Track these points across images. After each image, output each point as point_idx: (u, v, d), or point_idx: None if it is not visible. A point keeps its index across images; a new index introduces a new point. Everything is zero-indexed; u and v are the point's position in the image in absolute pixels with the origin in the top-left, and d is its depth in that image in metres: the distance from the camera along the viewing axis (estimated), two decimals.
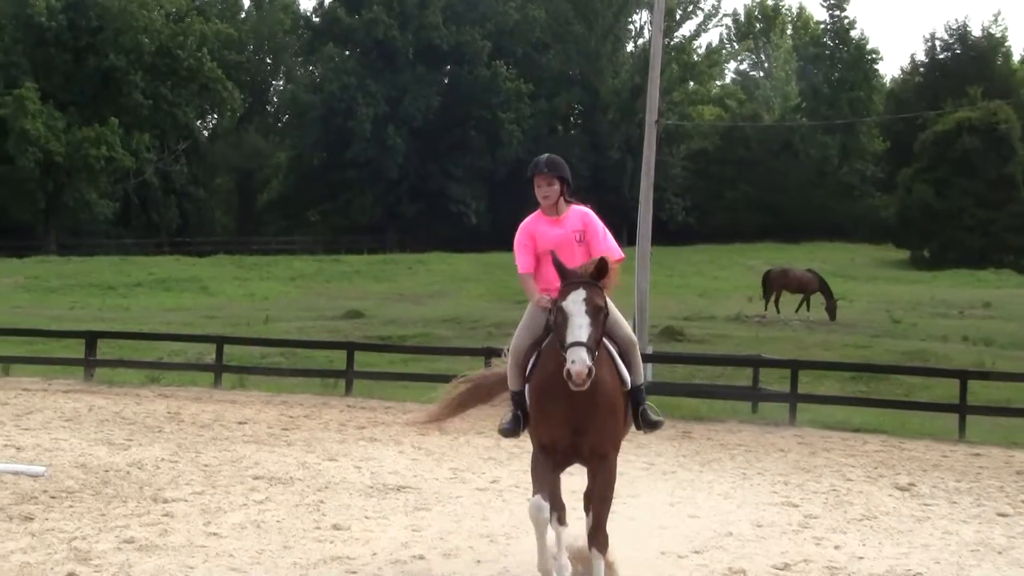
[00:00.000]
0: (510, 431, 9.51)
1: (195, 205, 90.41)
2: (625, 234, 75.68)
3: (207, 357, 28.87)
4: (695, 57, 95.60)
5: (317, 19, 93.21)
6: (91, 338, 27.77)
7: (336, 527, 11.87)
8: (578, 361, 8.17)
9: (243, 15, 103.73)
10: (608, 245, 9.60)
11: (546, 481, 9.03)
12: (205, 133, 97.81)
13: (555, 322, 8.62)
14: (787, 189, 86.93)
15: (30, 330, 33.34)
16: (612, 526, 11.88)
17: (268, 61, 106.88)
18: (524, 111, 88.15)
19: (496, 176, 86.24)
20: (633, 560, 10.73)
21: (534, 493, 8.97)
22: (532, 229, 9.73)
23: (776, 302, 43.76)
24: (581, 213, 9.81)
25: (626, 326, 9.54)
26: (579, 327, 8.35)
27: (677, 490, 14.80)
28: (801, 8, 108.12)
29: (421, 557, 10.77)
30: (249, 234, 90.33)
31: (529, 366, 9.27)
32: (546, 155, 9.90)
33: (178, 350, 32.36)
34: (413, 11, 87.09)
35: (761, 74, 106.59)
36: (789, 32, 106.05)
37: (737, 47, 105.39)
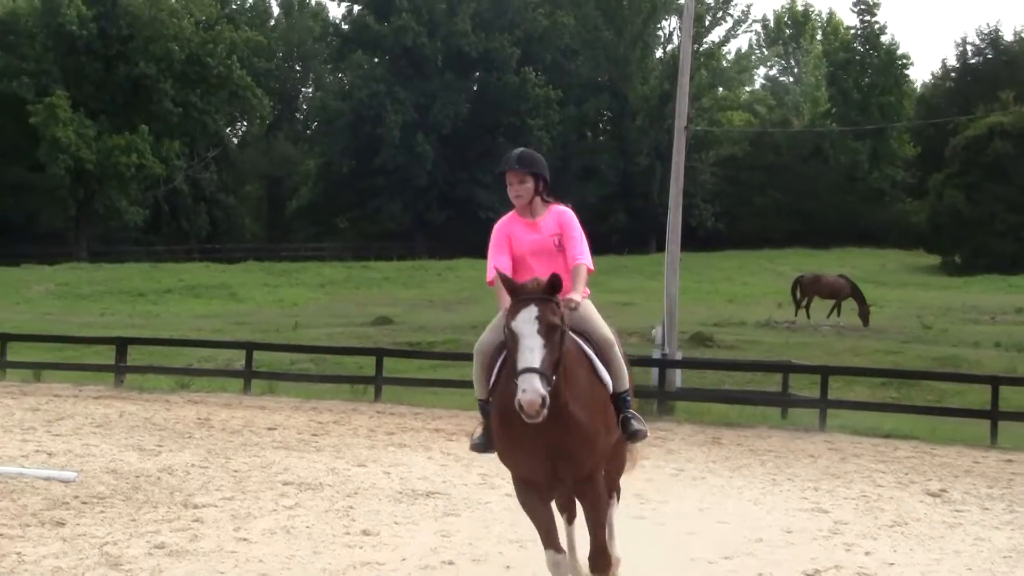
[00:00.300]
0: (482, 446, 8.64)
1: (225, 212, 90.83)
2: (655, 240, 75.84)
3: (237, 363, 29.00)
4: (724, 63, 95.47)
5: (346, 26, 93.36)
6: (121, 344, 27.91)
7: (365, 533, 11.87)
8: (529, 390, 7.15)
9: (272, 23, 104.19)
10: (583, 250, 8.66)
11: (552, 528, 8.26)
12: (235, 140, 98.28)
13: (507, 346, 7.69)
14: (817, 195, 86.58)
15: (61, 336, 33.59)
16: (642, 532, 11.93)
17: (297, 68, 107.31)
18: (553, 117, 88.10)
19: None
20: (663, 566, 10.72)
21: (545, 547, 8.20)
22: (508, 231, 8.80)
23: (807, 308, 43.62)
24: (558, 213, 8.83)
25: (603, 326, 8.69)
26: (530, 350, 7.34)
27: (707, 496, 14.76)
28: (831, 13, 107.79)
29: (451, 563, 10.76)
30: (278, 241, 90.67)
31: (494, 374, 8.33)
32: (519, 149, 8.94)
33: (208, 356, 32.52)
34: (442, 18, 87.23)
35: (791, 79, 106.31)
36: (819, 37, 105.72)
37: (767, 52, 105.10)
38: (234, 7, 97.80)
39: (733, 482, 16.03)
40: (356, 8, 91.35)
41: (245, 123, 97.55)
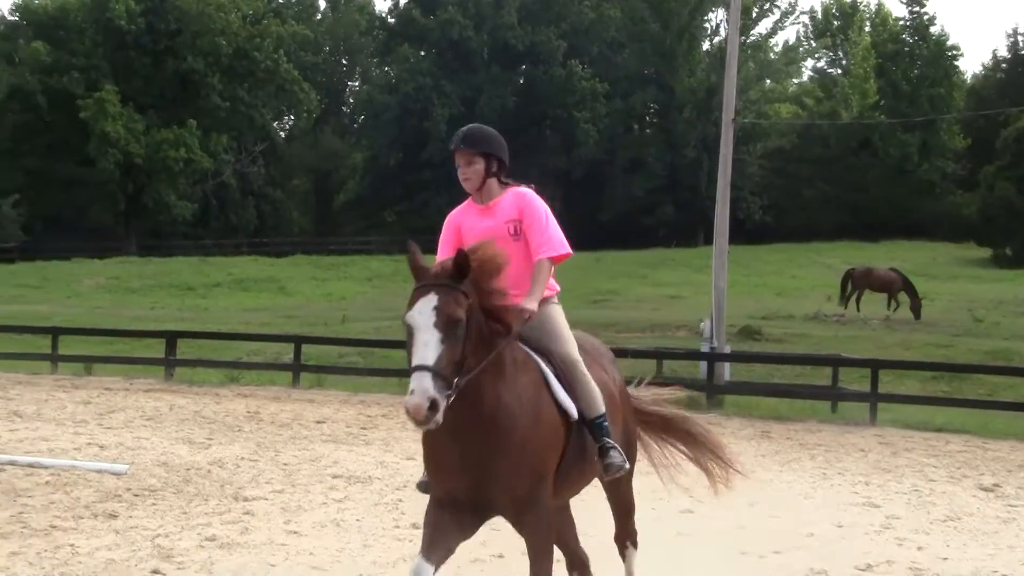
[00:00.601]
0: (425, 485, 7.42)
1: (272, 206, 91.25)
2: (702, 233, 75.62)
3: (285, 357, 29.10)
4: (772, 55, 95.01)
5: (392, 20, 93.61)
6: (171, 338, 28.11)
7: (415, 526, 11.86)
8: (417, 391, 6.07)
9: (319, 16, 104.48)
10: (548, 237, 7.54)
11: (440, 540, 7.07)
12: (282, 134, 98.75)
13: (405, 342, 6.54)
14: (866, 187, 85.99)
15: (111, 330, 33.94)
16: (691, 526, 11.88)
17: (344, 62, 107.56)
18: (599, 110, 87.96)
19: (572, 176, 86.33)
20: (713, 560, 10.68)
21: (419, 552, 7.03)
22: (458, 221, 7.78)
23: (858, 301, 43.33)
24: (517, 197, 7.70)
25: (567, 342, 7.55)
26: (424, 345, 6.29)
27: (756, 490, 14.63)
28: (880, 5, 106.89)
29: (500, 556, 10.75)
30: (326, 234, 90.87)
31: None
32: (469, 126, 7.98)
33: (256, 350, 32.63)
34: (488, 11, 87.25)
35: (839, 71, 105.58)
36: (867, 29, 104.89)
37: (814, 44, 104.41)
38: (280, 1, 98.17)
39: (783, 476, 15.95)
40: (402, 1, 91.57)
41: (292, 117, 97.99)
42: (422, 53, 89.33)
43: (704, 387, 24.75)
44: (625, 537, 8.92)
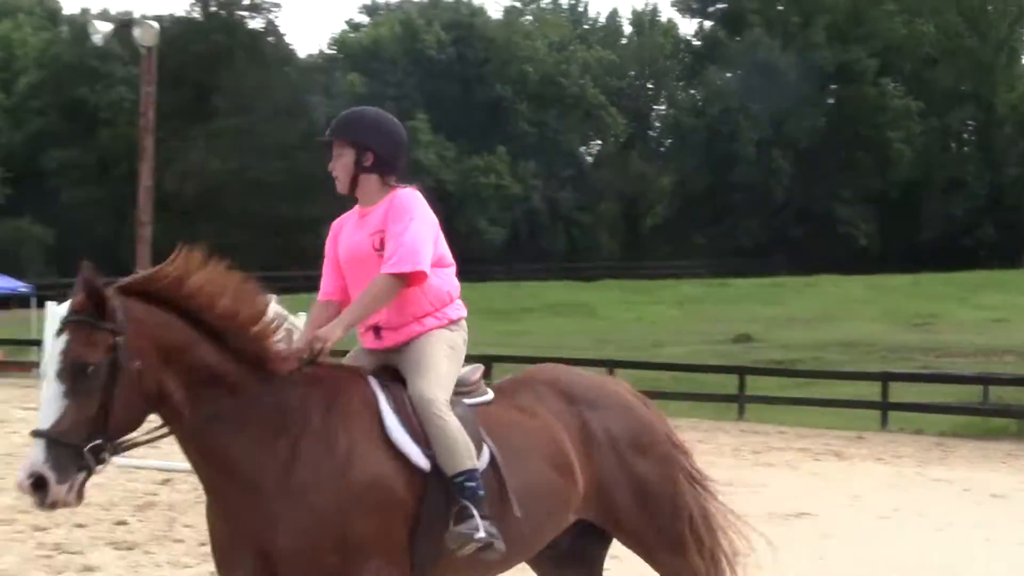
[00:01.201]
0: None
1: (581, 230, 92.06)
2: None
3: None
4: None
5: (698, 42, 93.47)
6: (487, 362, 28.53)
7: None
8: (24, 466, 4.67)
9: (624, 41, 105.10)
10: (397, 247, 5.67)
11: None
12: (589, 159, 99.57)
13: None
14: None
15: None
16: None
17: (649, 86, 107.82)
18: (914, 129, 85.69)
19: (887, 197, 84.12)
20: None
21: None
22: (337, 230, 6.12)
23: None
24: (391, 199, 5.85)
25: (429, 376, 5.74)
26: (46, 403, 4.75)
27: None
28: None
29: None
30: (635, 258, 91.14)
31: None
32: (347, 111, 6.17)
33: None
34: (795, 31, 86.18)
35: None
36: None
37: None
38: (586, 27, 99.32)
39: None
40: (707, 24, 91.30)
41: (599, 142, 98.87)
42: (728, 75, 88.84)
43: None
44: None
